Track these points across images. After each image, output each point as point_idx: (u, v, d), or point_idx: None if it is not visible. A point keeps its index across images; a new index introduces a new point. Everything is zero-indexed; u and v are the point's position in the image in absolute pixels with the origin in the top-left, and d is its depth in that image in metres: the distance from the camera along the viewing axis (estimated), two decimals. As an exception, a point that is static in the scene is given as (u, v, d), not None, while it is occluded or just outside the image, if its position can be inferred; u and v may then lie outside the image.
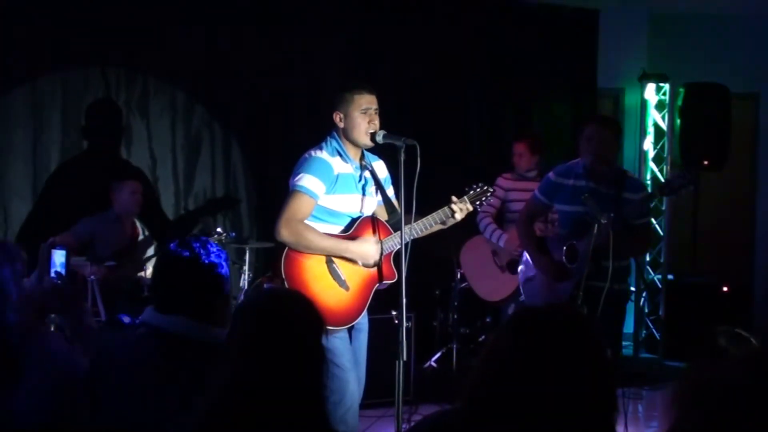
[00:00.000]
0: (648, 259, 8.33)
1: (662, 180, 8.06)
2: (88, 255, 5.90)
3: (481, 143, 7.88)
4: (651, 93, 8.36)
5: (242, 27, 6.94)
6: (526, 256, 5.20)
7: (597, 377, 1.80)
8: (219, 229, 6.32)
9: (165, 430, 2.30)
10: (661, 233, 8.35)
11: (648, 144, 8.39)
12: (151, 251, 6.49)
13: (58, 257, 2.98)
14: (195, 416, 2.12)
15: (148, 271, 6.17)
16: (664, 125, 8.33)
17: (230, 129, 7.08)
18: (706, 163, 7.82)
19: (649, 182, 8.29)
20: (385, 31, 7.39)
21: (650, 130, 8.39)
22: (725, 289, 7.86)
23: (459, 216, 4.27)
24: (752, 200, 8.86)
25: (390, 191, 4.40)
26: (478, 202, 4.35)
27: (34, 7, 6.39)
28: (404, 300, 3.91)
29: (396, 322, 3.92)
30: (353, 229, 4.23)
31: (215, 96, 6.97)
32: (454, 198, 4.28)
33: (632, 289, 8.28)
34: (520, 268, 5.29)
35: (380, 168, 4.40)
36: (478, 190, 4.36)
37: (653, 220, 8.35)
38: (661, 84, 8.33)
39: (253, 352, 2.11)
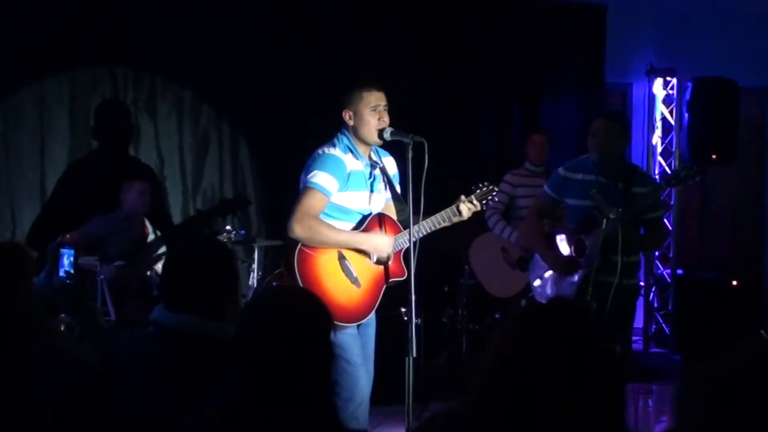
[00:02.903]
0: (657, 254, 8.32)
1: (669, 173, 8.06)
2: (98, 254, 5.90)
3: (488, 139, 7.87)
4: (659, 87, 8.34)
5: (248, 26, 6.94)
6: (537, 257, 5.16)
7: (605, 372, 1.80)
8: (228, 228, 6.32)
9: (175, 429, 2.30)
10: (670, 228, 8.33)
11: (656, 138, 8.37)
12: (160, 250, 6.49)
13: (67, 257, 2.98)
14: (205, 414, 2.13)
15: (158, 267, 6.16)
16: (672, 120, 8.31)
17: (238, 128, 7.08)
18: (714, 157, 7.79)
19: (657, 177, 8.27)
20: (391, 30, 7.37)
21: (658, 124, 8.37)
22: (735, 283, 7.83)
23: (466, 215, 4.28)
24: (760, 194, 8.82)
25: (399, 188, 4.40)
26: (484, 201, 4.37)
27: (40, 7, 6.40)
28: (413, 297, 3.92)
29: (405, 318, 3.93)
30: (364, 227, 4.24)
31: (223, 95, 6.97)
32: (462, 197, 4.30)
33: (641, 284, 8.29)
34: (532, 271, 5.23)
35: (390, 165, 4.41)
36: (484, 189, 4.38)
37: (661, 214, 8.34)
38: (669, 78, 8.31)
39: (261, 350, 2.11)
